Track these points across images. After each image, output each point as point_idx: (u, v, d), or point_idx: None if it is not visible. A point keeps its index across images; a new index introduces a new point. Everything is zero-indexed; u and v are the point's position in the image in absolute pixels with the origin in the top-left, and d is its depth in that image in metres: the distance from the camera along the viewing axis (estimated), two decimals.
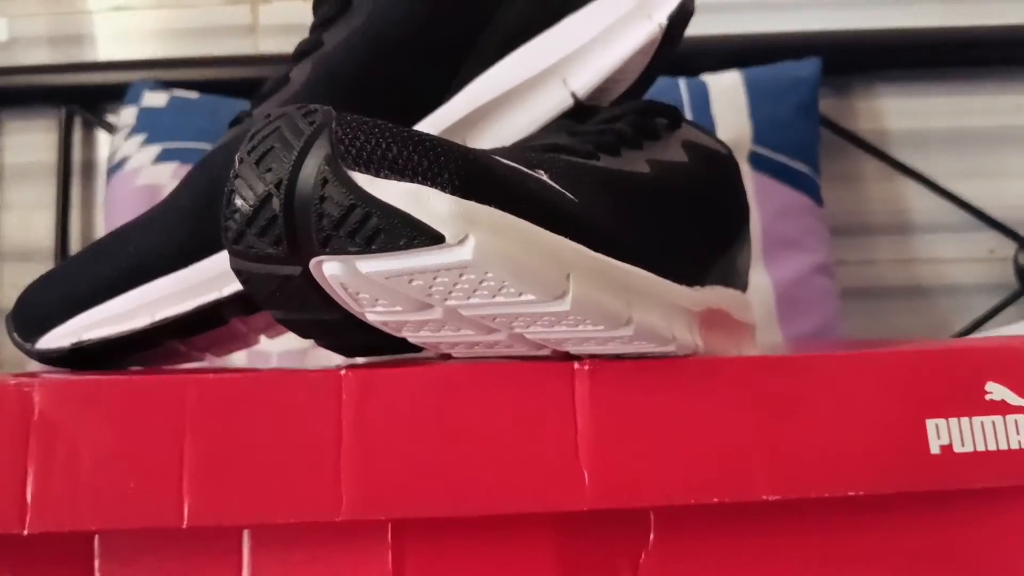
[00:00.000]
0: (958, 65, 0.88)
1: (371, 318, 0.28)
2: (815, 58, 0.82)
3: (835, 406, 0.30)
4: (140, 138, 0.78)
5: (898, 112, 0.89)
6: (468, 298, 0.26)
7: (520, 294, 0.25)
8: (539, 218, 0.25)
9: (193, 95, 0.83)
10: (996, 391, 0.31)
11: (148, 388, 0.29)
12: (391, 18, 0.40)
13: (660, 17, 0.42)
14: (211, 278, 0.35)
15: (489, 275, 0.24)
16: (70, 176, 0.91)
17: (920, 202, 0.87)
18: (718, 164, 0.42)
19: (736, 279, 0.43)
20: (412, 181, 0.24)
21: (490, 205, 0.25)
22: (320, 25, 0.42)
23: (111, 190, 0.77)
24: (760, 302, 0.70)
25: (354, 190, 0.23)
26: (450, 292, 0.26)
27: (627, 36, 0.42)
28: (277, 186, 0.24)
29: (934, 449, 0.30)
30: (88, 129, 0.92)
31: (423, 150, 0.24)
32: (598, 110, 0.41)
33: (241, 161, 0.25)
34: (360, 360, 0.33)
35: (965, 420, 0.30)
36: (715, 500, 0.29)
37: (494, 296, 0.25)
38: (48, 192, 0.90)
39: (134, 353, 0.36)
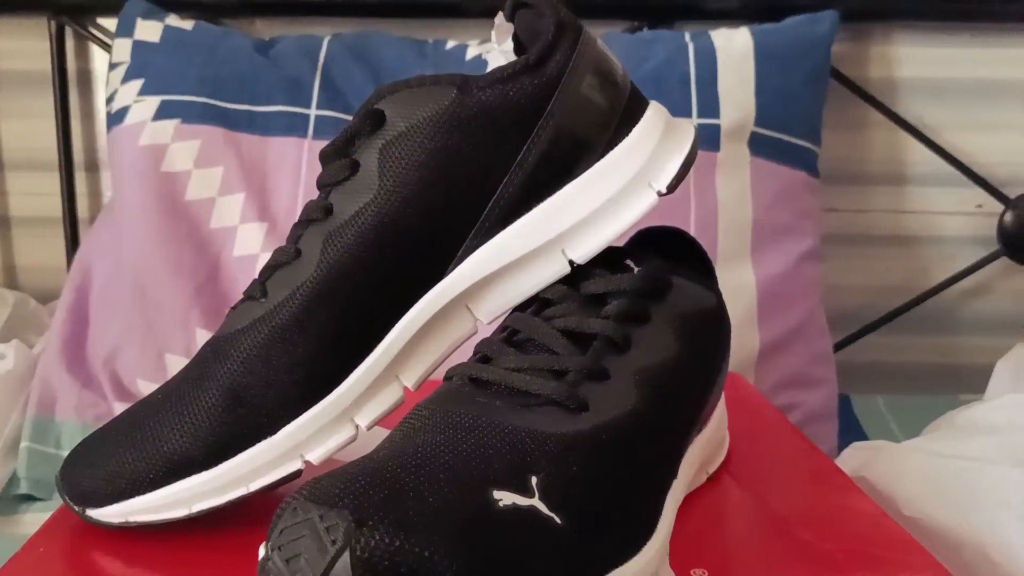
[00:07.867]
0: (975, 20, 0.85)
1: None
2: (832, 11, 0.79)
3: None
4: (137, 84, 0.77)
5: (912, 60, 0.87)
6: None
7: None
8: None
9: (188, 25, 0.80)
10: None
11: None
12: (399, 200, 0.41)
13: (661, 185, 0.43)
14: (239, 476, 0.40)
15: None
16: (67, 86, 0.89)
17: (917, 154, 0.88)
18: (709, 329, 0.44)
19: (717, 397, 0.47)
20: None
21: None
22: (329, 185, 0.42)
23: (114, 144, 0.77)
24: (741, 305, 0.73)
25: None
26: None
27: (627, 207, 0.43)
28: None
29: None
30: (80, 40, 0.90)
31: (440, 556, 0.28)
32: (589, 274, 0.43)
33: (272, 550, 0.29)
34: None
35: None
36: None
37: None
38: (47, 102, 0.89)
39: None
